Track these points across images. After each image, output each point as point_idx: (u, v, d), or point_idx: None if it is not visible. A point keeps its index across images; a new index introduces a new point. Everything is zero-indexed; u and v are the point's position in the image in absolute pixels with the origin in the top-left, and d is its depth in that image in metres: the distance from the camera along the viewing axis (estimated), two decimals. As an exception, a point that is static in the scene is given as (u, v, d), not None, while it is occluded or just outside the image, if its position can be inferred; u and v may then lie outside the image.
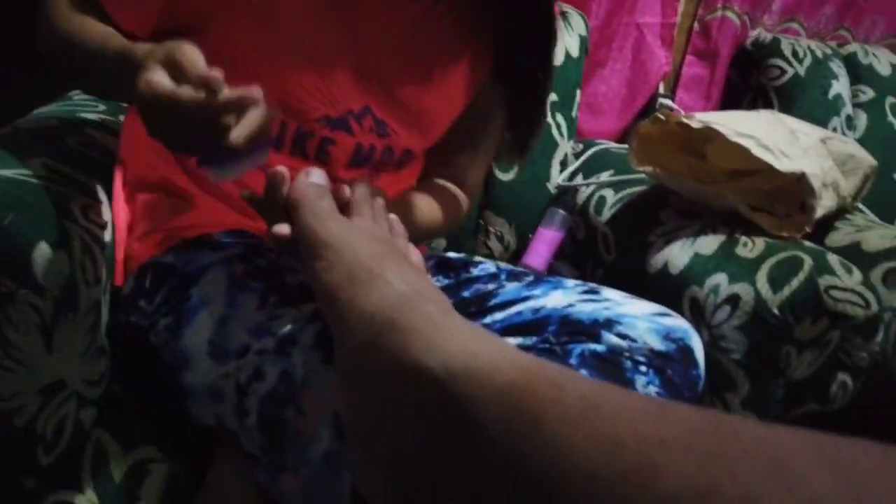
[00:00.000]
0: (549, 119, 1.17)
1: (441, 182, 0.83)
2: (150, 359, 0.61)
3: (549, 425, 0.30)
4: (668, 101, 1.40)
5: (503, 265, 0.82)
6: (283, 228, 0.47)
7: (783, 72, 1.31)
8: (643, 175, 0.94)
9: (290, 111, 0.65)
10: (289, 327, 0.54)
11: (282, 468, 0.51)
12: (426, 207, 0.78)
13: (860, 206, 1.19)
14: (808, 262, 0.72)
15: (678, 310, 0.75)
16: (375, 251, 0.42)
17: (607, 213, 1.00)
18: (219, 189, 0.68)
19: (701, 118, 0.86)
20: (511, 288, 0.74)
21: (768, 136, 0.84)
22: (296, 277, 0.60)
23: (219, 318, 0.56)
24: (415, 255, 0.54)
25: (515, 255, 1.16)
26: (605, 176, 1.09)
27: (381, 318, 0.38)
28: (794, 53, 1.32)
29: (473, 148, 0.83)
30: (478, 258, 0.91)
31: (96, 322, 0.60)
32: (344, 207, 0.50)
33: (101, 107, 0.87)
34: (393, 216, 0.54)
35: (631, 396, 0.31)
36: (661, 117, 0.87)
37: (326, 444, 0.49)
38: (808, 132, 0.92)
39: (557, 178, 1.16)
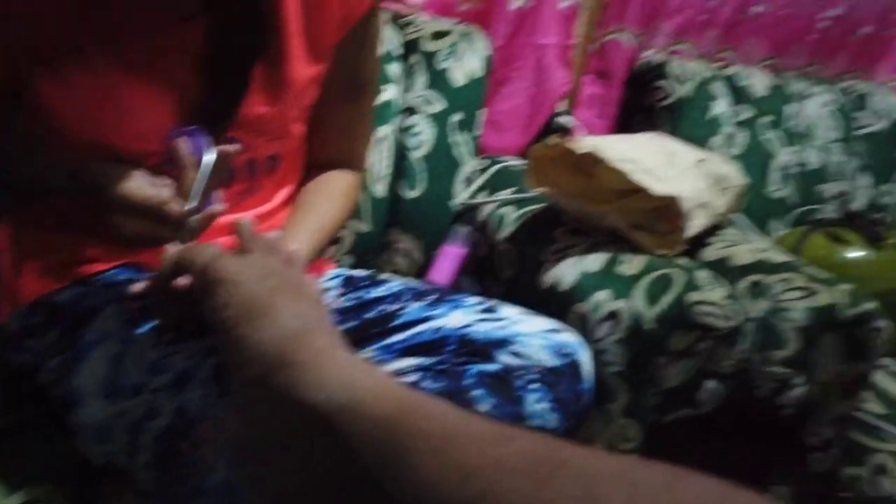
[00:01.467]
0: (454, 137, 1.21)
1: (331, 176, 0.85)
2: (40, 396, 0.60)
3: (414, 457, 0.33)
4: (566, 119, 1.48)
5: (408, 283, 0.86)
6: (182, 280, 0.48)
7: (670, 92, 1.40)
8: (537, 194, 1.00)
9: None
10: (186, 363, 0.55)
11: (176, 501, 0.52)
12: (325, 211, 0.81)
13: (740, 217, 1.29)
14: (679, 278, 0.79)
15: (568, 324, 0.80)
16: (269, 285, 0.44)
17: (507, 231, 1.05)
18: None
19: (587, 142, 0.92)
20: (413, 308, 0.77)
21: (647, 159, 0.91)
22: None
23: (113, 356, 0.57)
24: (312, 284, 0.56)
25: (422, 271, 1.20)
26: (506, 193, 1.14)
27: (273, 353, 0.40)
28: (680, 75, 1.42)
29: (351, 124, 0.86)
30: (384, 276, 0.94)
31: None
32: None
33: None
34: (293, 247, 0.56)
35: (486, 427, 0.34)
36: (552, 142, 0.93)
37: (224, 474, 0.51)
38: (685, 154, 1.01)
39: (462, 195, 1.20)
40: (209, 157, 0.57)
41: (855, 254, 1.15)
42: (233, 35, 0.67)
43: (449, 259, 1.13)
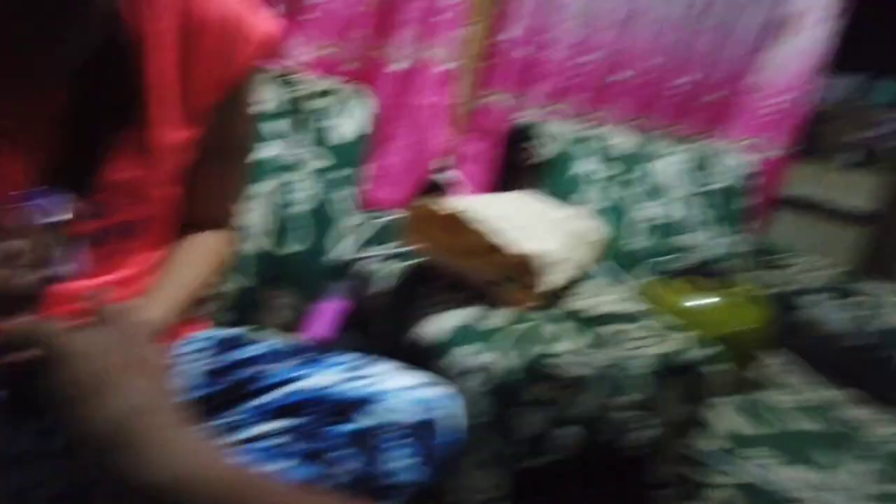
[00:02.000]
0: (337, 193, 1.25)
1: (202, 236, 0.86)
2: None
3: None
4: (448, 175, 1.55)
5: (281, 342, 0.87)
6: (24, 354, 0.47)
7: (542, 151, 1.50)
8: (413, 250, 1.04)
9: None
10: (34, 438, 0.54)
11: None
12: (190, 271, 0.81)
13: (604, 268, 1.39)
14: (539, 330, 0.85)
15: (440, 377, 0.84)
16: (111, 362, 0.45)
17: (385, 285, 1.09)
18: None
19: (454, 203, 0.98)
20: (283, 368, 0.78)
21: (513, 217, 0.98)
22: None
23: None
24: (160, 358, 0.55)
25: (304, 326, 1.21)
26: (387, 248, 1.18)
27: (110, 433, 0.41)
28: (552, 134, 1.53)
29: (224, 184, 0.87)
30: (260, 334, 0.94)
31: None
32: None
33: None
34: (147, 315, 0.56)
35: (313, 499, 0.37)
36: (425, 201, 0.98)
37: None
38: (550, 211, 1.09)
39: (343, 249, 1.23)
40: (62, 221, 0.57)
41: (705, 301, 1.27)
42: (98, 100, 0.67)
43: (329, 314, 1.15)
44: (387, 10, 1.44)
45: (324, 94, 1.28)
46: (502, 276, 0.96)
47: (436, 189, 1.53)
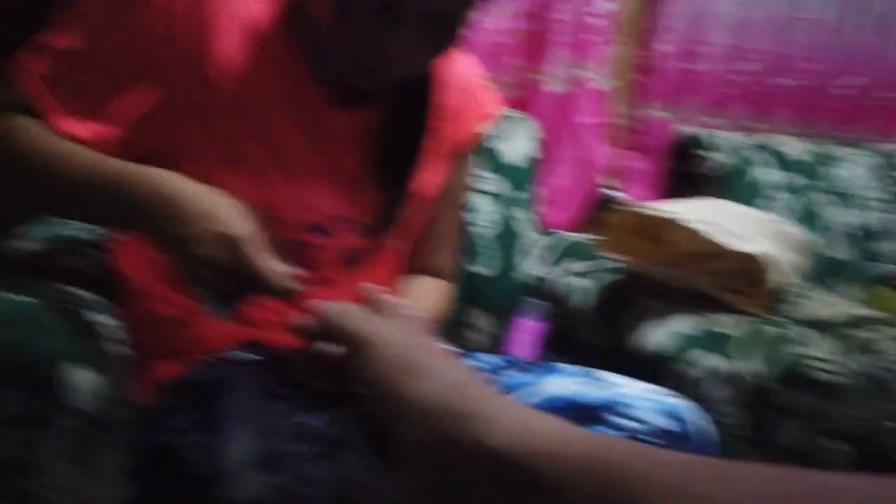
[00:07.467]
0: (515, 214, 1.24)
1: (428, 280, 0.86)
2: (177, 477, 0.59)
3: (645, 499, 0.31)
4: (615, 192, 1.51)
5: (497, 357, 0.85)
6: (331, 347, 0.48)
7: (714, 162, 1.44)
8: (611, 263, 1.01)
9: (270, 221, 0.64)
10: (335, 430, 0.54)
11: None
12: (433, 306, 0.82)
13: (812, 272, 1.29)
14: (786, 336, 0.78)
15: (668, 388, 0.79)
16: (419, 343, 0.46)
17: (585, 300, 1.05)
18: None
19: (662, 207, 0.93)
20: (514, 375, 0.76)
21: (720, 220, 0.92)
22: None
23: (258, 428, 0.56)
24: (448, 347, 0.56)
25: (499, 348, 1.18)
26: (583, 264, 1.15)
27: (440, 406, 0.38)
28: (722, 145, 1.46)
29: (443, 236, 0.88)
30: (472, 351, 0.93)
31: (124, 442, 0.58)
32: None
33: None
34: (423, 316, 0.56)
35: (715, 464, 0.32)
36: (623, 208, 0.95)
37: None
38: (751, 215, 1.02)
39: (533, 269, 1.21)
40: None
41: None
42: (399, 127, 0.73)
43: (527, 333, 1.12)
44: (536, 35, 1.45)
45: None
46: (723, 281, 0.90)
47: (604, 207, 1.50)
